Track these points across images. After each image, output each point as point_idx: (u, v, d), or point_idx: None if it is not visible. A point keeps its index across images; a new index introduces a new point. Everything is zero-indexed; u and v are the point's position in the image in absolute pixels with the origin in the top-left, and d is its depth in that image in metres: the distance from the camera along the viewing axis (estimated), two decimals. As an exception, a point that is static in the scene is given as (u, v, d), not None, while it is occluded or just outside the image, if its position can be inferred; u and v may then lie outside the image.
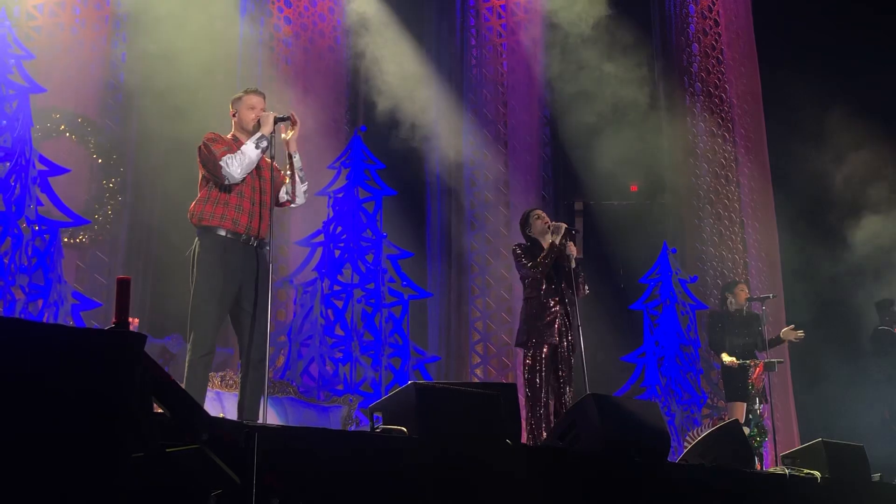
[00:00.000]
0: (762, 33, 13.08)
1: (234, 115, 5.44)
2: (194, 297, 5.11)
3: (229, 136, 5.39)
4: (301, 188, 5.44)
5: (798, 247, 11.70)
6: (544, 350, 6.76)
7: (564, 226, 6.95)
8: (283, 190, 5.47)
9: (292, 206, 5.57)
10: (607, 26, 11.65)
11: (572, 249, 6.95)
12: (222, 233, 5.16)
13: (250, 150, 5.18)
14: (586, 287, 7.03)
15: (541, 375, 6.71)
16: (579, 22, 11.60)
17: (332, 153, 10.32)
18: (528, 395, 6.77)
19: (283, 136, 5.35)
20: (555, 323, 6.83)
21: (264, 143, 5.23)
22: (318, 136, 10.14)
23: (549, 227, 6.98)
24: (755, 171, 12.88)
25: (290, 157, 5.38)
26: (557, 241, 6.88)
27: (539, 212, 7.21)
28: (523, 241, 7.17)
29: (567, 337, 6.86)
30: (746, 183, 12.83)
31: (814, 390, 11.36)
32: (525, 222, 7.21)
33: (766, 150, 12.98)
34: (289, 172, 5.41)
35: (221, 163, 5.13)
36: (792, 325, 9.05)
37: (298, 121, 5.38)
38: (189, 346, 5.08)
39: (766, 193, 12.78)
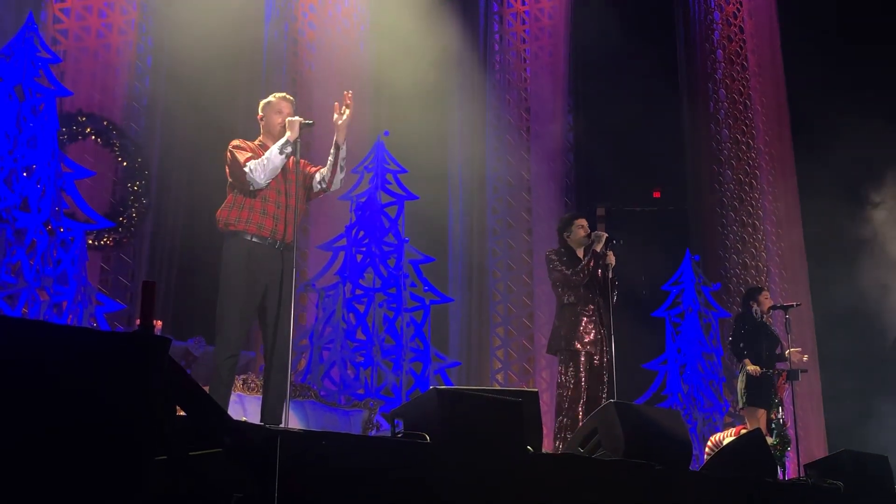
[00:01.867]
0: (787, 40, 13.00)
1: (261, 119, 5.48)
2: (220, 300, 5.16)
3: (257, 141, 5.42)
4: (339, 176, 5.43)
5: (823, 255, 11.61)
6: (581, 358, 6.73)
7: (605, 235, 6.92)
8: (316, 179, 5.44)
9: (326, 192, 5.55)
10: (631, 33, 11.62)
11: (612, 259, 6.90)
12: (248, 237, 5.21)
13: (274, 156, 5.21)
14: (615, 296, 7.00)
15: (578, 383, 6.67)
16: (602, 28, 11.57)
17: (356, 157, 10.34)
18: (562, 402, 6.71)
19: (335, 120, 5.31)
20: (591, 331, 6.79)
21: (288, 149, 5.25)
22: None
23: (589, 237, 6.95)
24: (779, 179, 12.80)
25: (338, 146, 5.35)
26: (599, 249, 6.85)
27: (583, 221, 7.10)
28: (556, 246, 7.11)
29: (602, 345, 6.82)
30: (770, 190, 12.75)
31: (841, 400, 11.26)
32: (566, 227, 7.09)
33: (790, 157, 12.90)
34: (331, 160, 5.39)
35: (245, 169, 5.17)
36: (799, 349, 8.98)
37: (349, 111, 5.33)
38: (215, 349, 5.16)
39: (790, 201, 12.70)
